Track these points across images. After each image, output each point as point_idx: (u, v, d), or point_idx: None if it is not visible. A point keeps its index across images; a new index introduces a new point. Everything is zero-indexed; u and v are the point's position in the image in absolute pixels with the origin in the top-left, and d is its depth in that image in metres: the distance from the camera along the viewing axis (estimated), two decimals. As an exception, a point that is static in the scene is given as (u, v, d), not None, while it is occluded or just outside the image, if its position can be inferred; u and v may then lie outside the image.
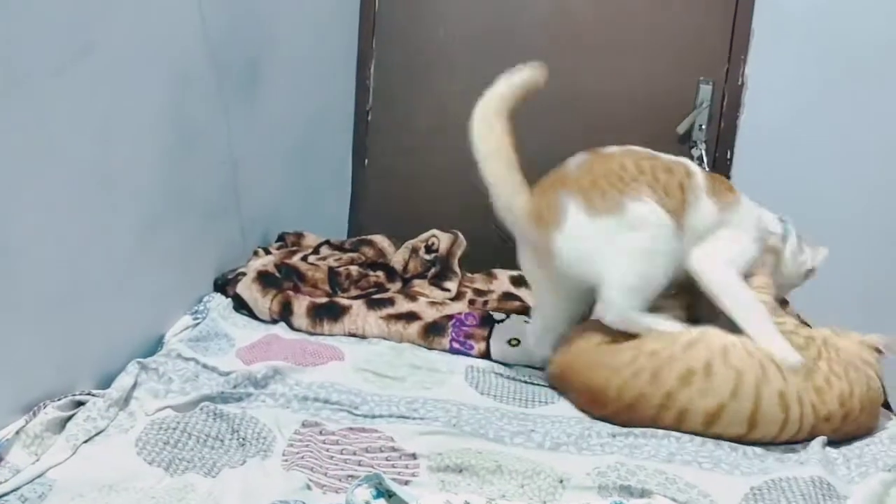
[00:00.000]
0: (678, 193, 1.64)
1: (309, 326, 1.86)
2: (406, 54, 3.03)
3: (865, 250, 2.93)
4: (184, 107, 1.76)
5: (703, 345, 1.48)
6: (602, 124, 2.89)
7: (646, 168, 1.65)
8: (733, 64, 2.90)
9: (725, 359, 1.46)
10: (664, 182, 1.64)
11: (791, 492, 1.28)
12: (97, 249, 1.48)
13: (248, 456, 1.30)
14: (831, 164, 2.91)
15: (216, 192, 1.99)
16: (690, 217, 1.65)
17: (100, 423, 1.34)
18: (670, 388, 1.45)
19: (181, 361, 1.60)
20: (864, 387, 1.49)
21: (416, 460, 1.32)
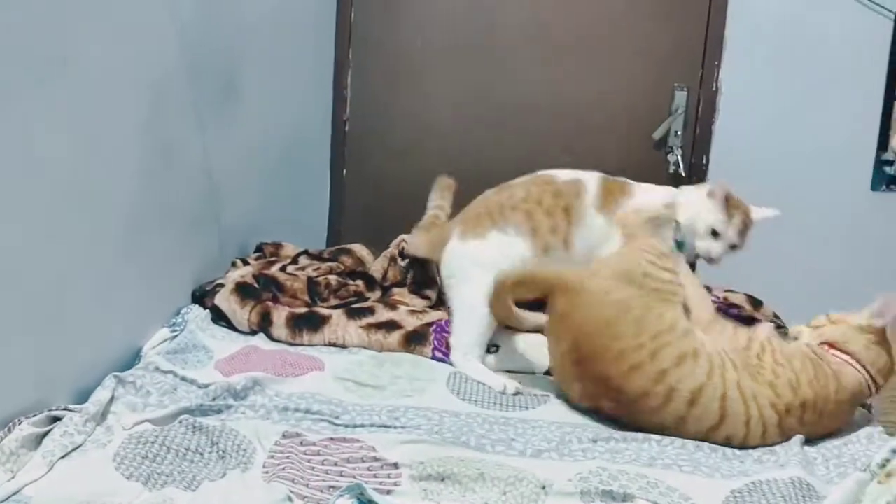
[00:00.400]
0: (562, 216, 1.84)
1: (288, 337, 1.85)
2: (383, 64, 3.03)
3: (838, 250, 2.97)
4: (161, 119, 1.75)
5: (692, 335, 1.55)
6: (579, 131, 2.92)
7: (533, 194, 1.86)
8: (708, 70, 2.93)
9: (705, 347, 1.53)
10: (548, 206, 1.85)
11: (772, 493, 1.29)
12: (74, 263, 1.47)
13: (228, 469, 1.29)
14: (805, 167, 2.95)
15: (194, 204, 1.98)
16: (579, 234, 1.84)
17: (76, 438, 1.32)
18: (666, 367, 1.48)
19: (159, 374, 1.59)
20: (811, 374, 1.50)
21: (397, 469, 1.31)
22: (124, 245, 1.64)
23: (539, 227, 1.83)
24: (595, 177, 1.90)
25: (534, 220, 1.83)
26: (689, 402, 1.47)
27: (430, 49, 3.02)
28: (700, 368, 1.48)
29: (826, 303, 1.82)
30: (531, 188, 1.87)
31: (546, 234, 1.83)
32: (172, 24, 1.78)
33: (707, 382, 1.47)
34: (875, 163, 2.94)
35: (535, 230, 1.83)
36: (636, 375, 1.48)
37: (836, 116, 2.91)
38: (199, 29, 1.91)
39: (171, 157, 1.82)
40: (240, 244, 2.29)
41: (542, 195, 1.86)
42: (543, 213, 1.84)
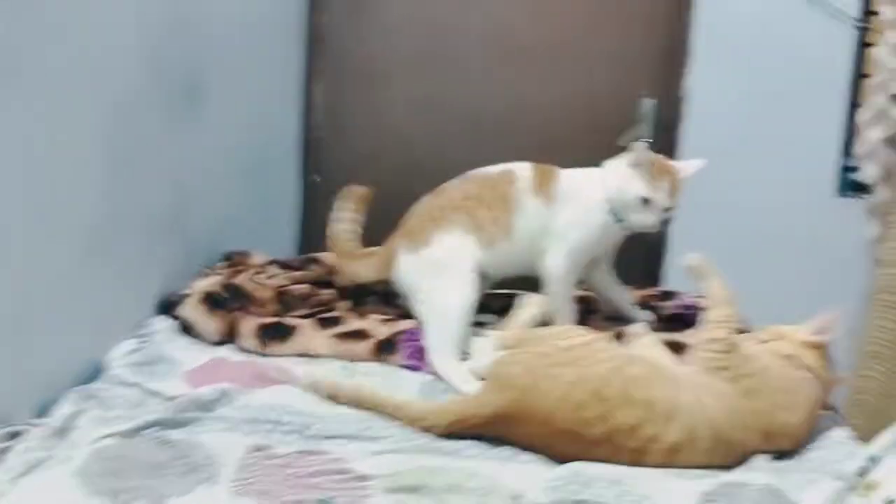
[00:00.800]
0: (501, 205, 1.87)
1: (257, 347, 1.82)
2: (352, 71, 3.02)
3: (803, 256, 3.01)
4: (124, 126, 1.72)
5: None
6: (545, 138, 2.93)
7: (470, 192, 1.89)
8: (674, 78, 2.96)
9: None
10: (485, 200, 1.88)
11: (742, 498, 1.29)
12: (33, 274, 1.43)
13: (195, 483, 1.26)
14: (769, 173, 2.99)
15: (159, 213, 1.95)
16: (519, 221, 1.88)
17: (39, 454, 1.29)
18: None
19: (124, 387, 1.55)
20: (804, 409, 1.48)
21: (368, 481, 1.29)
22: (87, 255, 1.61)
23: (481, 221, 1.86)
24: (526, 165, 1.95)
25: (475, 216, 1.86)
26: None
27: (397, 55, 3.01)
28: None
29: (791, 307, 1.84)
30: (467, 186, 1.92)
31: (489, 226, 1.86)
32: (137, 30, 1.75)
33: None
34: (839, 169, 2.99)
35: (479, 225, 1.86)
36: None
37: (801, 123, 2.96)
38: (165, 35, 1.89)
39: (136, 166, 1.79)
40: (207, 253, 2.26)
41: (480, 190, 1.89)
42: (484, 206, 1.87)
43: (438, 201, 1.92)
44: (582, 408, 1.39)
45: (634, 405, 1.39)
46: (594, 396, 1.40)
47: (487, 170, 1.96)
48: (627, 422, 1.39)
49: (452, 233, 1.86)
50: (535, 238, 1.90)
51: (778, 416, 1.45)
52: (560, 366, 1.45)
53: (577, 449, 1.40)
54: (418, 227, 1.90)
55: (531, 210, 1.89)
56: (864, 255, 3.00)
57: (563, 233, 1.90)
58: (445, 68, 3.00)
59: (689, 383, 1.45)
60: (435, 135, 2.98)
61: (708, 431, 1.40)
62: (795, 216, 3.00)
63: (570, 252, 1.91)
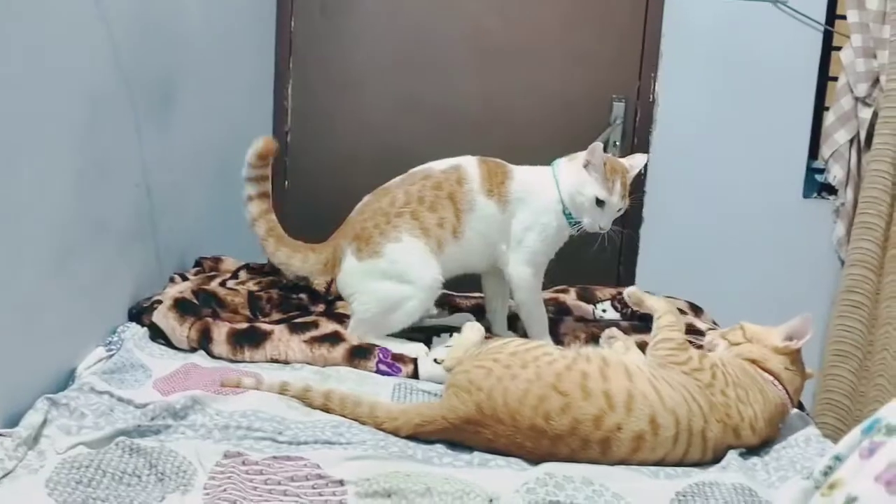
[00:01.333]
0: (448, 206, 1.85)
1: (229, 353, 1.81)
2: (323, 75, 3.01)
3: (771, 257, 3.05)
4: (94, 131, 1.70)
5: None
6: (518, 141, 2.94)
7: (413, 194, 1.86)
8: (644, 81, 2.98)
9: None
10: (430, 201, 1.85)
11: (714, 498, 1.31)
12: (1, 281, 1.41)
13: (167, 492, 1.25)
14: (738, 175, 3.03)
15: (129, 218, 1.93)
16: (469, 222, 1.86)
17: (7, 464, 1.27)
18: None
19: (94, 395, 1.53)
20: (762, 404, 1.50)
21: (343, 486, 1.29)
22: (56, 262, 1.58)
23: (426, 224, 1.84)
24: (472, 160, 1.92)
25: (420, 219, 1.84)
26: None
27: (370, 59, 3.01)
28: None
29: (759, 308, 1.87)
30: (409, 188, 1.88)
31: (435, 229, 1.84)
32: (108, 34, 1.73)
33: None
34: (806, 171, 3.04)
35: (424, 229, 1.84)
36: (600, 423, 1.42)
37: (769, 126, 3.00)
38: (134, 38, 1.87)
39: (106, 171, 1.77)
40: (178, 259, 2.24)
41: (422, 192, 1.86)
42: (427, 209, 1.85)
43: (381, 205, 1.88)
44: (543, 401, 1.41)
45: (593, 397, 1.42)
46: (553, 390, 1.42)
47: (432, 167, 1.92)
48: (590, 412, 1.40)
49: (401, 240, 1.84)
50: (488, 238, 1.89)
51: (735, 408, 1.47)
52: (515, 367, 1.47)
53: (547, 445, 1.41)
54: (366, 237, 1.86)
55: (483, 211, 1.87)
56: (830, 257, 3.06)
57: (519, 237, 1.90)
58: (420, 71, 3.00)
59: (645, 375, 1.48)
60: (409, 137, 2.98)
61: (669, 419, 1.42)
62: (763, 218, 3.04)
63: (531, 258, 1.91)
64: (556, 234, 1.92)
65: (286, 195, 3.05)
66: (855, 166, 2.98)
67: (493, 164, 1.92)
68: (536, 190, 1.90)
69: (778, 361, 1.57)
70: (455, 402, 1.47)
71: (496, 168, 1.91)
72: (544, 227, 1.89)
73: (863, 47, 2.88)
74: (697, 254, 3.07)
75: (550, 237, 1.91)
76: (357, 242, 1.87)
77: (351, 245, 1.88)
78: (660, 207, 3.05)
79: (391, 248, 1.84)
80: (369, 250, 1.85)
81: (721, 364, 1.54)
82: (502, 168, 1.92)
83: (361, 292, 1.88)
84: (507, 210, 1.88)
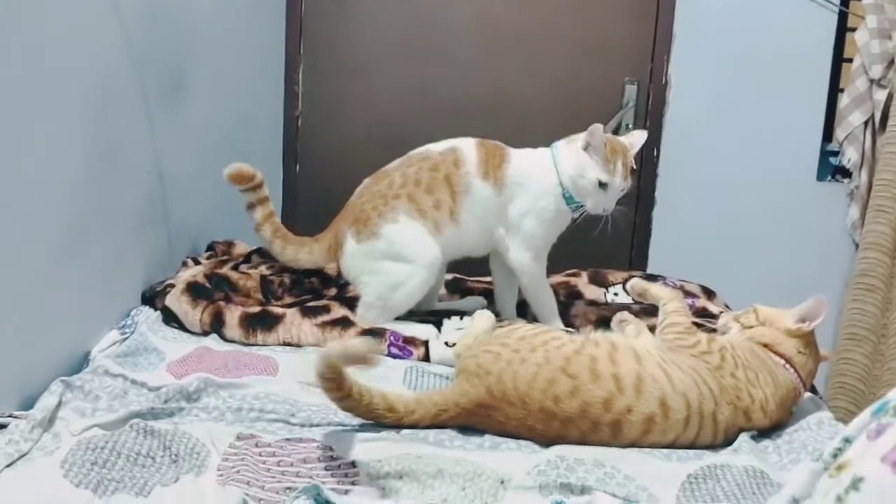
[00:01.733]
0: (444, 188, 1.84)
1: (242, 337, 1.82)
2: (334, 59, 3.01)
3: (785, 240, 3.03)
4: (105, 116, 1.70)
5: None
6: (529, 125, 2.92)
7: (410, 176, 1.86)
8: (657, 64, 2.96)
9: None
10: (427, 183, 1.84)
11: (726, 480, 1.31)
12: (12, 265, 1.42)
13: (181, 473, 1.26)
14: (752, 158, 3.01)
15: (142, 203, 1.94)
16: (465, 205, 1.85)
17: (23, 445, 1.28)
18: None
19: (108, 378, 1.54)
20: (772, 387, 1.50)
21: (355, 468, 1.30)
22: (70, 246, 1.59)
23: (423, 206, 1.84)
24: (470, 142, 1.91)
25: (417, 201, 1.84)
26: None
27: (380, 44, 3.00)
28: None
29: (772, 292, 1.85)
30: (406, 170, 1.87)
31: (431, 211, 1.84)
32: (117, 19, 1.73)
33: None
34: (820, 153, 3.01)
35: (421, 210, 1.84)
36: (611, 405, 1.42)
37: (783, 108, 2.98)
38: (145, 23, 1.87)
39: (118, 156, 1.77)
40: (190, 243, 2.25)
41: (419, 174, 1.86)
42: (423, 191, 1.84)
43: (380, 188, 1.88)
44: (553, 384, 1.41)
45: (602, 379, 1.41)
46: (562, 373, 1.42)
47: (429, 149, 1.92)
48: (599, 395, 1.40)
49: (398, 221, 1.84)
50: (485, 221, 1.88)
51: (745, 391, 1.47)
52: (524, 351, 1.47)
53: (557, 427, 1.41)
54: (364, 219, 1.87)
55: (479, 194, 1.85)
56: (844, 240, 3.03)
57: (517, 223, 1.88)
58: (430, 55, 2.99)
59: (654, 359, 1.47)
60: (419, 122, 2.97)
61: (680, 401, 1.42)
62: (776, 201, 3.02)
63: (529, 243, 1.89)
64: (555, 218, 1.89)
65: (297, 179, 3.05)
66: (869, 149, 2.95)
67: (491, 147, 1.91)
68: (534, 174, 1.87)
69: (790, 345, 1.56)
70: (466, 386, 1.47)
71: (494, 151, 1.90)
72: (542, 211, 1.87)
73: (878, 28, 2.84)
74: (710, 237, 3.05)
75: (549, 222, 1.89)
76: (356, 225, 1.88)
77: (350, 228, 1.89)
78: (672, 191, 3.03)
79: (388, 229, 1.84)
80: (367, 232, 1.86)
81: (730, 347, 1.53)
82: (500, 151, 1.90)
83: (363, 274, 1.89)
84: (503, 194, 1.87)
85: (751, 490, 1.28)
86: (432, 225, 1.84)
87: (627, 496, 1.25)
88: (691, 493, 1.29)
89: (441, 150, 1.89)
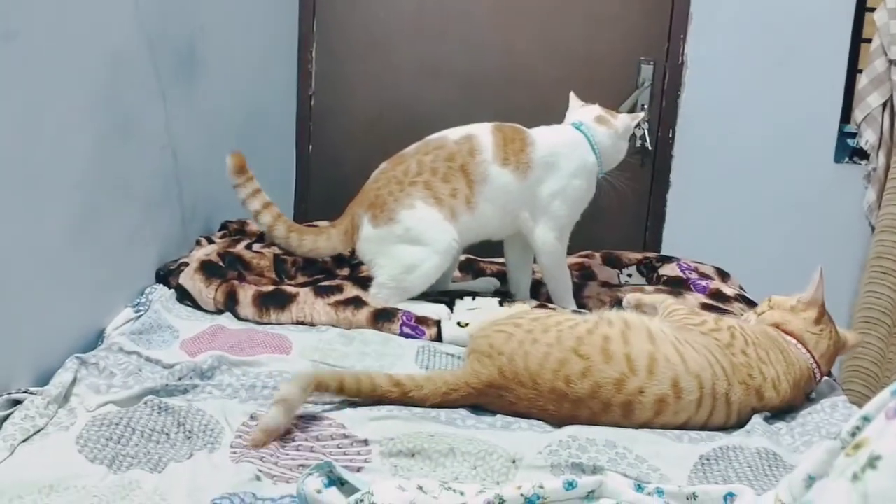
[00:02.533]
0: (460, 177, 1.84)
1: (255, 316, 1.82)
2: (347, 37, 2.99)
3: (802, 222, 3.01)
4: (118, 93, 1.70)
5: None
6: (544, 104, 2.90)
7: (426, 164, 1.86)
8: (674, 43, 2.93)
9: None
10: (443, 172, 1.85)
11: (738, 462, 1.30)
12: (26, 242, 1.42)
13: (195, 449, 1.27)
14: (769, 139, 2.98)
15: (155, 181, 1.94)
16: (483, 193, 1.85)
17: (38, 421, 1.29)
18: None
19: (123, 355, 1.56)
20: (784, 365, 1.49)
21: (367, 446, 1.30)
22: (83, 224, 1.60)
23: (439, 194, 1.84)
24: (487, 129, 1.91)
25: (433, 189, 1.84)
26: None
27: (394, 21, 2.98)
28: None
29: (787, 274, 1.84)
30: (422, 158, 1.88)
31: (448, 199, 1.84)
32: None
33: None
34: (838, 135, 2.98)
35: (437, 198, 1.84)
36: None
37: (800, 89, 2.94)
38: (160, 2, 1.86)
39: (131, 133, 1.77)
40: (204, 222, 2.25)
41: (435, 162, 1.86)
42: (440, 180, 1.85)
43: (395, 173, 1.89)
44: (564, 365, 1.41)
45: (614, 360, 1.41)
46: (574, 353, 1.42)
47: (446, 135, 1.91)
48: (611, 376, 1.40)
49: (415, 206, 1.84)
50: (505, 207, 1.88)
51: (757, 368, 1.46)
52: (537, 331, 1.47)
53: (568, 407, 1.41)
54: (381, 203, 1.87)
55: (498, 181, 1.86)
56: (860, 222, 3.01)
57: (546, 204, 1.89)
58: (444, 33, 2.97)
59: (669, 338, 1.47)
60: (433, 100, 2.96)
61: (693, 382, 1.41)
62: (793, 182, 2.99)
63: (557, 223, 1.90)
64: (585, 196, 1.92)
65: (310, 159, 3.05)
66: (888, 130, 2.91)
67: (509, 131, 1.90)
68: (566, 153, 1.89)
69: (799, 322, 1.55)
70: (478, 366, 1.47)
71: (513, 134, 1.89)
72: (575, 189, 1.89)
73: (898, 8, 2.80)
74: (725, 218, 3.03)
75: (579, 200, 1.91)
76: (372, 210, 1.88)
77: (367, 213, 1.89)
78: (688, 171, 3.01)
79: (406, 215, 1.85)
80: (384, 217, 1.86)
81: (739, 326, 1.53)
82: (520, 134, 1.90)
83: (380, 257, 1.89)
84: (529, 177, 1.87)
85: (763, 472, 1.28)
86: (448, 211, 1.84)
87: (639, 476, 1.25)
88: (703, 474, 1.29)
89: (457, 139, 1.89)
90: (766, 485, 1.23)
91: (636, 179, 1.91)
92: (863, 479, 0.64)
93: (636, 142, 2.92)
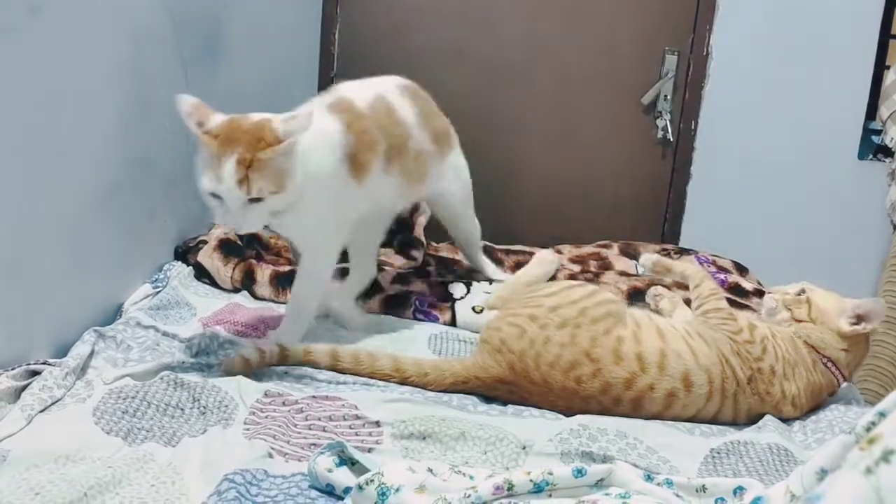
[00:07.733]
0: None
1: (272, 295, 1.84)
2: (370, 19, 2.98)
3: (825, 219, 2.98)
4: (141, 71, 1.71)
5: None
6: (566, 93, 2.89)
7: None
8: (698, 34, 2.90)
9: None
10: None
11: (749, 457, 1.31)
12: (48, 217, 1.44)
13: (209, 425, 1.29)
14: (793, 135, 2.94)
15: (176, 159, 1.94)
16: None
17: (56, 392, 1.31)
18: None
19: (140, 330, 1.57)
20: (806, 381, 1.49)
21: (379, 428, 1.31)
22: (104, 199, 1.61)
23: None
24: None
25: None
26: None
27: (417, 4, 2.97)
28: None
29: (812, 271, 1.82)
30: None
31: None
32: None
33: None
34: (863, 132, 2.94)
35: None
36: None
37: (826, 84, 2.90)
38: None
39: (153, 111, 1.78)
40: (223, 201, 2.26)
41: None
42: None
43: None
44: (575, 367, 1.42)
45: (626, 361, 1.42)
46: (585, 357, 1.42)
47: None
48: (621, 375, 1.41)
49: None
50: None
51: (778, 385, 1.46)
52: (550, 328, 1.46)
53: (579, 402, 1.43)
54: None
55: None
56: (883, 220, 2.97)
57: None
58: (467, 19, 2.96)
59: (679, 334, 1.47)
60: (455, 86, 2.94)
61: (703, 377, 1.42)
62: (815, 178, 2.96)
63: None
64: None
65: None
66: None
67: None
68: None
69: (838, 348, 1.52)
70: (489, 361, 1.47)
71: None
72: None
73: (929, 4, 2.75)
74: (746, 212, 3.01)
75: None
76: None
77: None
78: (709, 164, 2.98)
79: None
80: None
81: (771, 336, 1.51)
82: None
83: None
84: None
85: (774, 467, 1.28)
86: None
87: (648, 467, 1.25)
88: (714, 467, 1.29)
89: None
90: (777, 480, 1.23)
91: (656, 170, 1.87)
92: (876, 473, 0.64)
93: (658, 132, 2.90)
